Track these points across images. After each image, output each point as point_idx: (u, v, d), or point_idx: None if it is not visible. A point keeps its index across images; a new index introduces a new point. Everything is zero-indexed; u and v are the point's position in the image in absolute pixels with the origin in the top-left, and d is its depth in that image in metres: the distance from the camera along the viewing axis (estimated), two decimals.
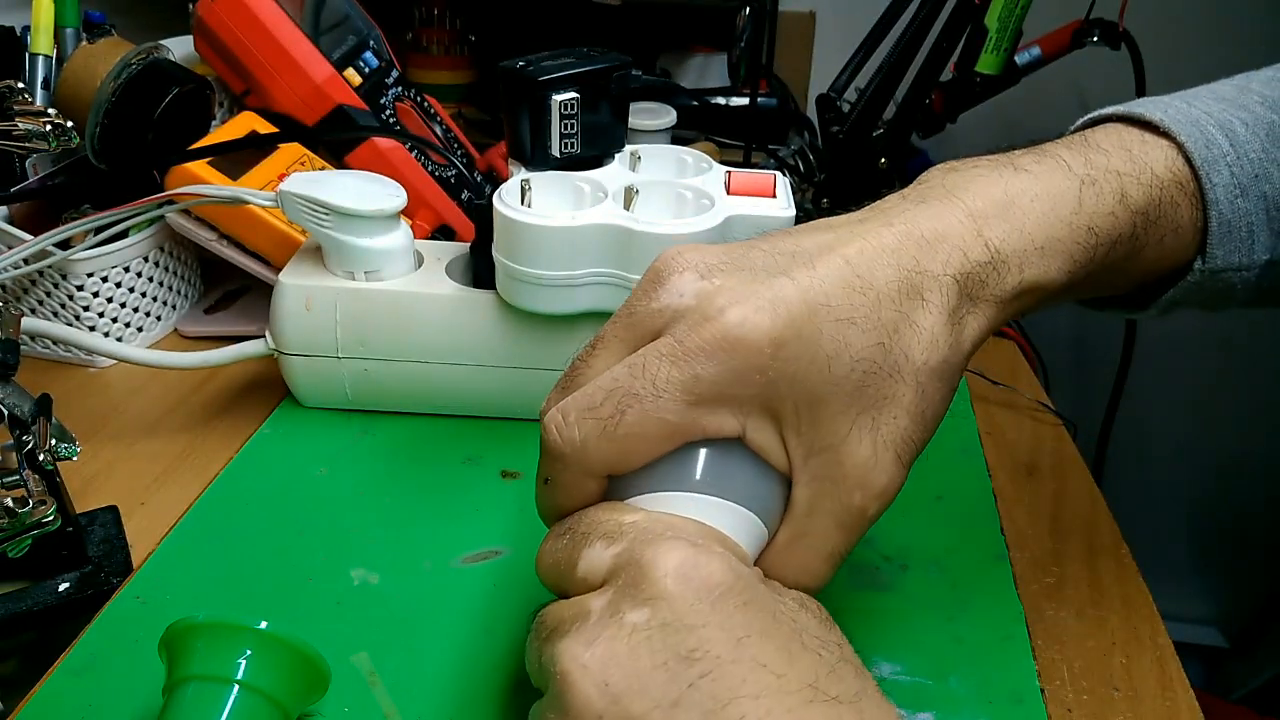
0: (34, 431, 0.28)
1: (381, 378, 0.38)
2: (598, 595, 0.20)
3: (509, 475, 0.36)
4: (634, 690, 0.18)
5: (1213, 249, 0.25)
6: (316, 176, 0.37)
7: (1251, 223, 0.25)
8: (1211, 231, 0.25)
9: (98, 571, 0.31)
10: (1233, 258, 0.26)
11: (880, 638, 0.28)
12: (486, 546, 0.32)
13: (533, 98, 0.36)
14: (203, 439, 0.38)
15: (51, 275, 0.42)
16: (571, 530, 0.22)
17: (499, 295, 0.36)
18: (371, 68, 0.48)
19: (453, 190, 0.49)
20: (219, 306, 0.49)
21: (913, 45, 0.53)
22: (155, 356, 0.39)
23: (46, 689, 0.26)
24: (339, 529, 0.33)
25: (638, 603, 0.19)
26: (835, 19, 0.79)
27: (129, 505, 0.34)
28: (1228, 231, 0.25)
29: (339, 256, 0.36)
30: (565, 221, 0.33)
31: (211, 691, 0.22)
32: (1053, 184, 0.24)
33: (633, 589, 0.19)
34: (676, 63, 0.79)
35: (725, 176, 0.37)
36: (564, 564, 0.21)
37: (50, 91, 0.45)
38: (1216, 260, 0.25)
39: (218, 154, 0.42)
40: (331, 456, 0.37)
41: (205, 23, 0.45)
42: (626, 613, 0.19)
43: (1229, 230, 0.25)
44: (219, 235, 0.43)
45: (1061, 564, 0.32)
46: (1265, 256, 0.26)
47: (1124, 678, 0.28)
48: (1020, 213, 0.23)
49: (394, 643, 0.28)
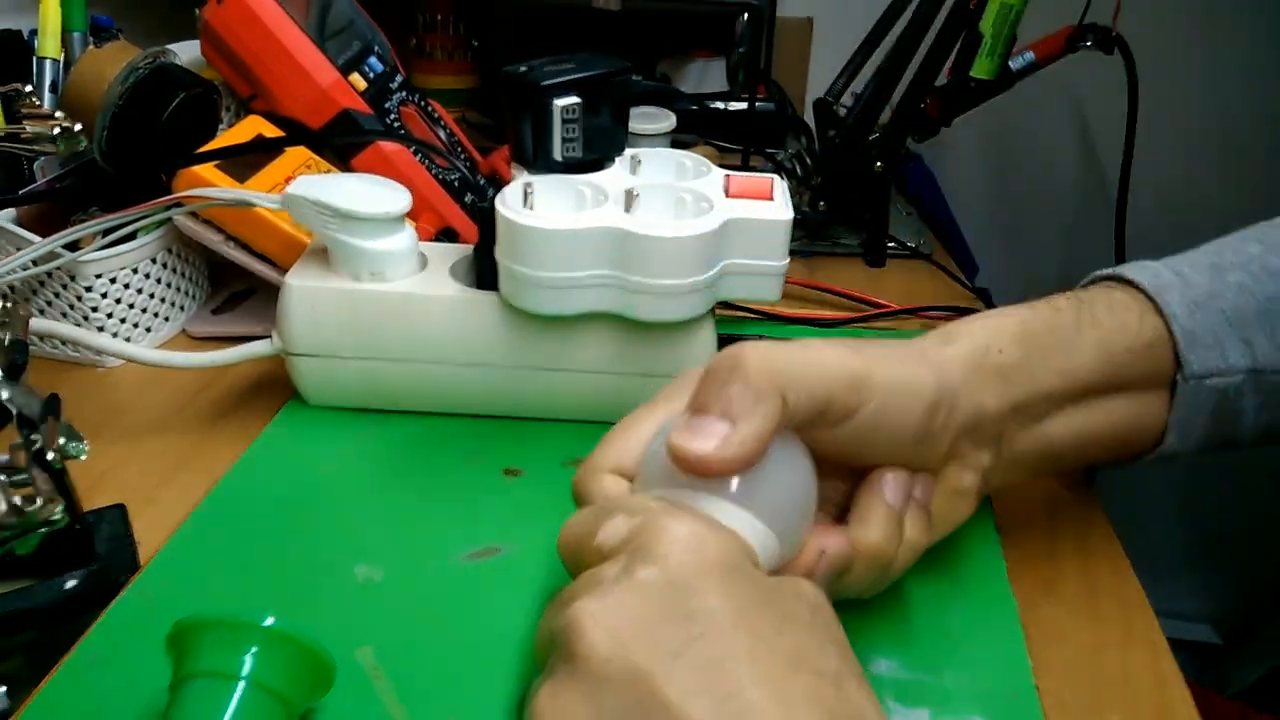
0: (42, 430, 0.29)
1: (386, 377, 0.38)
2: (612, 563, 0.21)
3: (511, 473, 0.36)
4: (639, 639, 0.19)
5: (1185, 355, 0.28)
6: (322, 179, 0.37)
7: (1215, 332, 0.28)
8: (1178, 340, 0.28)
9: (105, 569, 0.31)
10: (1209, 363, 0.28)
11: (875, 634, 0.28)
12: (489, 543, 0.32)
13: (535, 102, 0.36)
14: (210, 438, 0.39)
15: (60, 276, 0.42)
16: (596, 509, 0.23)
17: (502, 296, 0.36)
18: (376, 73, 0.49)
19: (456, 193, 0.50)
20: (226, 307, 0.49)
21: (908, 50, 0.53)
22: (163, 356, 0.39)
23: (53, 686, 0.27)
24: (344, 526, 0.33)
25: (647, 562, 0.20)
26: (832, 25, 0.80)
27: (136, 503, 0.34)
28: (1193, 339, 0.28)
29: (344, 258, 0.37)
30: (567, 224, 0.33)
31: (218, 688, 0.22)
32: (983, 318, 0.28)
33: (644, 551, 0.21)
34: (676, 68, 0.79)
35: (724, 180, 0.38)
36: (584, 535, 0.23)
37: (58, 95, 0.46)
38: (1193, 366, 0.28)
39: (225, 157, 0.42)
40: (337, 455, 0.37)
41: (212, 27, 0.46)
42: (637, 570, 0.20)
43: (1194, 338, 0.28)
44: (226, 237, 0.43)
45: (1056, 560, 0.33)
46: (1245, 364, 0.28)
47: (1118, 674, 0.28)
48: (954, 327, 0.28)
49: (397, 638, 0.28)
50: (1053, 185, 0.92)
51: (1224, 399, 0.28)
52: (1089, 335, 0.28)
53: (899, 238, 0.59)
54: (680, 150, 0.41)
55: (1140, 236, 0.74)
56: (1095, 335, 0.28)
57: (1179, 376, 0.28)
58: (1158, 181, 0.78)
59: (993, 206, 0.94)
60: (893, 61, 0.54)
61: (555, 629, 0.21)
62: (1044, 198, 0.93)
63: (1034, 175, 0.92)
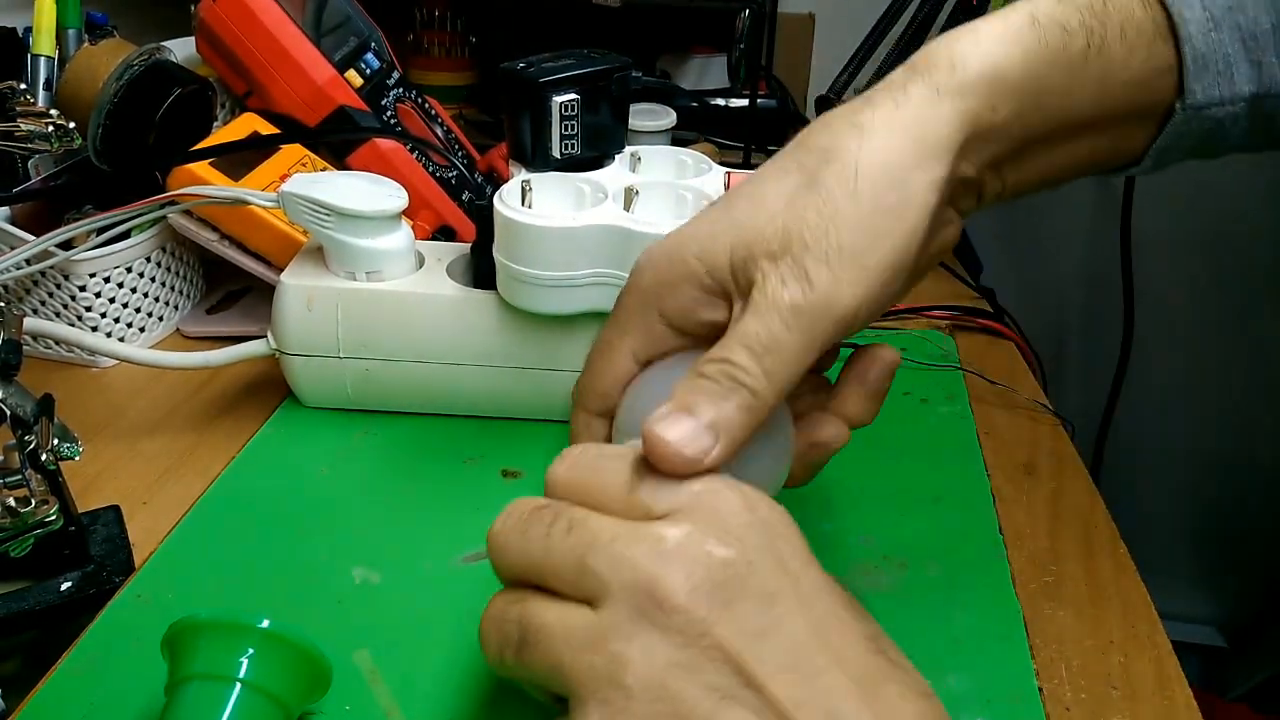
0: (36, 431, 0.29)
1: (383, 378, 0.38)
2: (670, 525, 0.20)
3: (509, 474, 0.36)
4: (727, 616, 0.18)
5: (1190, 84, 0.25)
6: (318, 177, 0.37)
7: (1228, 54, 0.25)
8: (1187, 68, 0.25)
9: (100, 570, 0.31)
10: (1213, 92, 0.26)
11: None
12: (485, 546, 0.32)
13: (533, 99, 0.36)
14: (205, 439, 0.38)
15: (54, 276, 0.42)
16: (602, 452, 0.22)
17: (499, 295, 0.36)
18: (373, 69, 0.48)
19: (454, 191, 0.50)
20: (221, 307, 0.49)
21: (911, 46, 0.53)
22: (157, 357, 0.39)
23: (48, 688, 0.26)
24: (340, 528, 0.33)
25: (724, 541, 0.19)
26: (834, 20, 0.79)
27: (131, 505, 0.34)
28: (1204, 66, 0.25)
29: (340, 257, 0.36)
30: (565, 222, 0.33)
31: (214, 690, 0.22)
32: None
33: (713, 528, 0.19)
34: (676, 64, 0.79)
35: (725, 177, 0.37)
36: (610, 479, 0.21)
37: (52, 92, 0.45)
38: (1196, 96, 0.26)
39: (220, 155, 0.42)
40: (333, 456, 0.37)
41: (207, 24, 0.45)
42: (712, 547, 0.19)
43: (1204, 65, 0.25)
44: (221, 236, 0.43)
45: (1060, 563, 0.32)
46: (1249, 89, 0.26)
47: (1122, 676, 0.28)
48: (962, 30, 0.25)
49: (395, 640, 0.28)
50: None
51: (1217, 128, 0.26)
52: (1093, 68, 0.25)
53: None
54: (680, 148, 0.41)
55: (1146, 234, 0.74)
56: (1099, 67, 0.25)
57: (1178, 105, 0.26)
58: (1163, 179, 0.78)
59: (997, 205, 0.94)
60: (895, 58, 0.53)
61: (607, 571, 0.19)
62: (1049, 195, 0.92)
63: None
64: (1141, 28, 0.25)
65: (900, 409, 0.41)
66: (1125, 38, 0.25)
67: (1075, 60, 0.25)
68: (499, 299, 0.36)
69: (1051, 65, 0.25)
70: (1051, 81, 0.25)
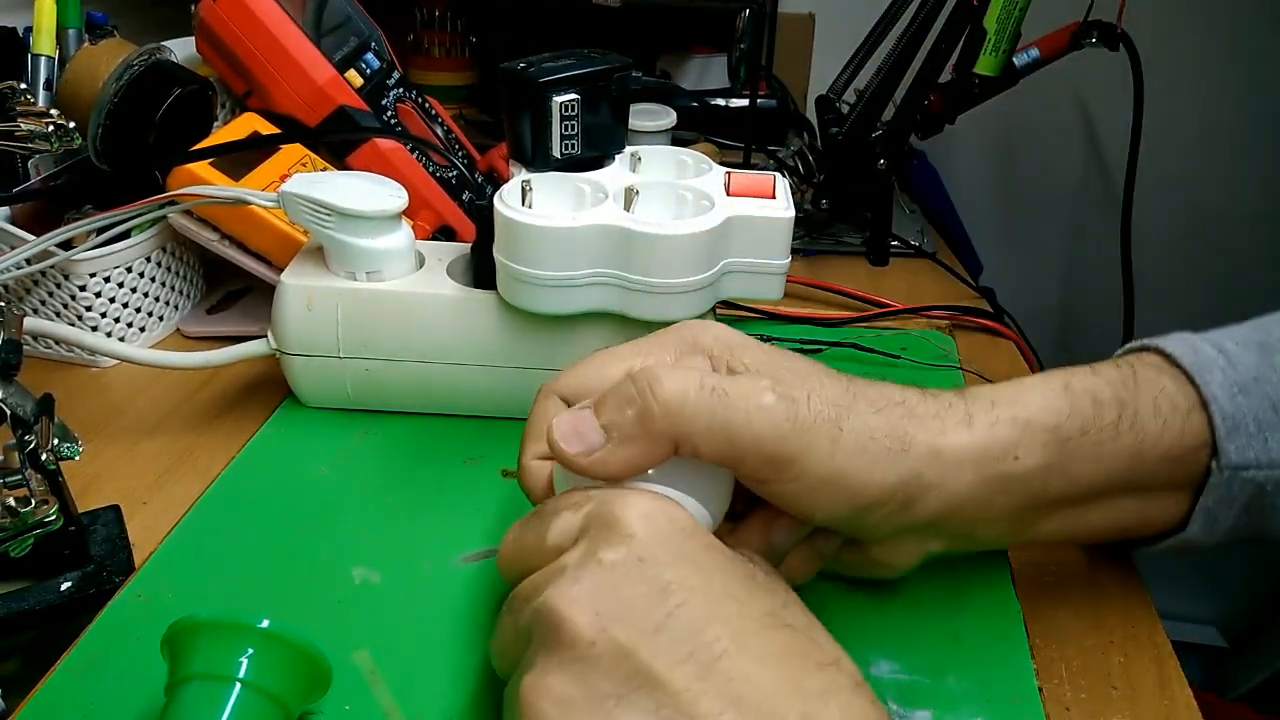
0: (36, 431, 0.29)
1: (383, 378, 0.38)
2: (571, 552, 0.21)
3: (509, 474, 0.36)
4: (621, 618, 0.19)
5: (1223, 444, 0.26)
6: (318, 177, 0.37)
7: (1259, 418, 0.26)
8: (1218, 428, 0.26)
9: (100, 570, 0.31)
10: (1248, 454, 0.26)
11: (878, 636, 0.28)
12: (486, 546, 0.32)
13: (534, 99, 0.36)
14: (204, 438, 0.38)
15: (54, 275, 0.42)
16: (537, 513, 0.23)
17: (500, 295, 0.36)
18: (373, 69, 0.48)
19: (454, 191, 0.50)
20: (221, 307, 0.49)
21: (911, 47, 0.53)
22: (157, 356, 0.39)
23: (48, 688, 0.26)
24: (340, 528, 0.33)
25: (612, 544, 0.20)
26: (835, 21, 0.79)
27: (131, 504, 0.34)
28: (1234, 426, 0.26)
29: (341, 257, 0.36)
30: (566, 222, 0.33)
31: (214, 690, 0.22)
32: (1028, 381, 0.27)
33: (605, 534, 0.21)
34: (676, 64, 0.79)
35: (725, 177, 0.37)
36: (532, 542, 0.22)
37: (52, 92, 0.45)
38: (1230, 456, 0.26)
39: (220, 155, 0.42)
40: (333, 456, 0.37)
41: (207, 24, 0.45)
42: (602, 553, 0.20)
43: (1235, 425, 0.26)
44: (221, 236, 0.43)
45: (1060, 563, 0.32)
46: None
47: (1122, 676, 0.28)
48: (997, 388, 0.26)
49: (395, 641, 0.28)
50: (1058, 183, 0.91)
51: (1260, 493, 0.26)
52: (1125, 440, 0.25)
53: (902, 236, 0.59)
54: (681, 148, 0.41)
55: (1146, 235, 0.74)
56: (1132, 440, 0.25)
57: (1214, 464, 0.26)
58: (1163, 178, 0.78)
59: (997, 204, 0.94)
60: (896, 58, 0.53)
61: (527, 621, 0.21)
62: (1049, 195, 0.92)
63: (1039, 173, 0.92)
64: (1175, 402, 0.26)
65: None
66: (1159, 412, 0.26)
67: (1107, 428, 0.25)
68: (499, 299, 0.36)
69: (1083, 430, 0.25)
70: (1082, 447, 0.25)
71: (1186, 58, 0.80)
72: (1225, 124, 0.83)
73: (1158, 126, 0.68)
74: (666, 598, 0.19)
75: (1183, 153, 0.82)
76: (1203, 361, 0.26)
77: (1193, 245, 0.85)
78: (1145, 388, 0.26)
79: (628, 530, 0.20)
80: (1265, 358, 0.27)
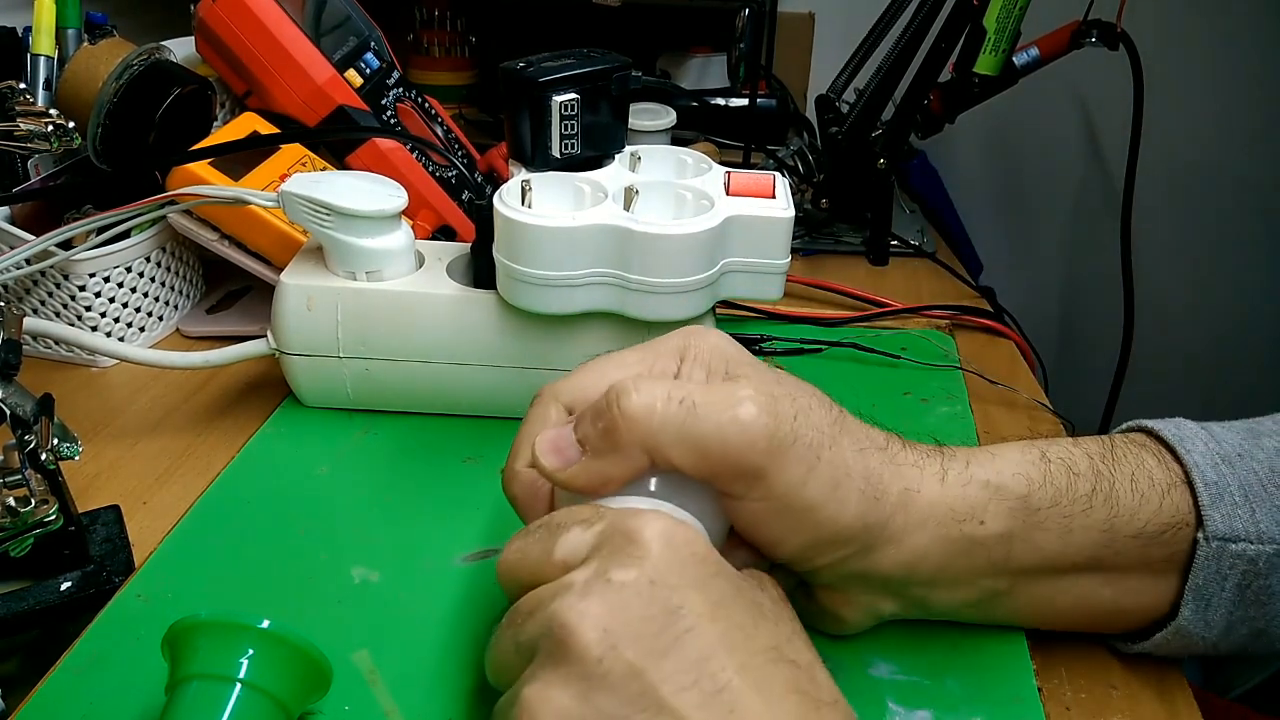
0: (36, 431, 0.29)
1: (383, 377, 0.38)
2: (581, 569, 0.21)
3: None
4: (630, 638, 0.19)
5: (1207, 512, 0.24)
6: (318, 177, 0.37)
7: (1246, 490, 0.25)
8: (1200, 495, 0.25)
9: (100, 570, 0.31)
10: (1234, 523, 0.24)
11: (878, 637, 0.28)
12: (486, 545, 0.32)
13: (533, 99, 0.36)
14: (204, 438, 0.38)
15: (53, 275, 0.42)
16: (545, 525, 0.23)
17: (499, 295, 0.36)
18: (372, 69, 0.48)
19: (453, 191, 0.50)
20: (221, 306, 0.49)
21: (911, 46, 0.53)
22: (157, 356, 0.39)
23: (48, 687, 0.26)
24: (340, 528, 0.33)
25: (625, 564, 0.20)
26: (834, 20, 0.79)
27: (131, 504, 0.34)
28: (1218, 494, 0.25)
29: (340, 257, 0.36)
30: (565, 222, 0.33)
31: (214, 690, 0.22)
32: None
33: (619, 553, 0.20)
34: (676, 64, 0.79)
35: (725, 177, 0.37)
36: (538, 555, 0.22)
37: (52, 92, 0.45)
38: (1216, 525, 0.24)
39: (219, 154, 0.42)
40: (333, 456, 0.37)
41: (207, 24, 0.45)
42: (614, 573, 0.20)
43: (1219, 493, 0.25)
44: (221, 235, 0.43)
45: None
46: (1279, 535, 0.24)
47: (1122, 676, 0.28)
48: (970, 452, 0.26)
49: (394, 641, 0.28)
50: (1058, 182, 0.91)
51: (1253, 571, 0.24)
52: (1097, 515, 0.25)
53: (902, 235, 0.59)
54: (680, 147, 0.41)
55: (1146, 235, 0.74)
56: (1105, 514, 0.24)
57: (1200, 535, 0.24)
58: (1163, 178, 0.78)
59: (997, 204, 0.94)
60: (896, 58, 0.53)
61: (530, 635, 0.20)
62: (1049, 195, 0.92)
63: (1038, 172, 0.92)
64: (1154, 477, 0.25)
65: (900, 408, 0.41)
66: (1136, 487, 0.25)
67: (1080, 500, 0.25)
68: (499, 299, 0.36)
69: (1054, 500, 0.25)
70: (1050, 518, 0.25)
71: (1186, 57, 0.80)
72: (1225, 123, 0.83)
73: (1158, 126, 0.68)
74: (676, 621, 0.19)
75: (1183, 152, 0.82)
76: (1185, 435, 0.26)
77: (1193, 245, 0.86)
78: (1124, 463, 0.25)
79: (642, 551, 0.20)
80: (1252, 440, 0.26)
